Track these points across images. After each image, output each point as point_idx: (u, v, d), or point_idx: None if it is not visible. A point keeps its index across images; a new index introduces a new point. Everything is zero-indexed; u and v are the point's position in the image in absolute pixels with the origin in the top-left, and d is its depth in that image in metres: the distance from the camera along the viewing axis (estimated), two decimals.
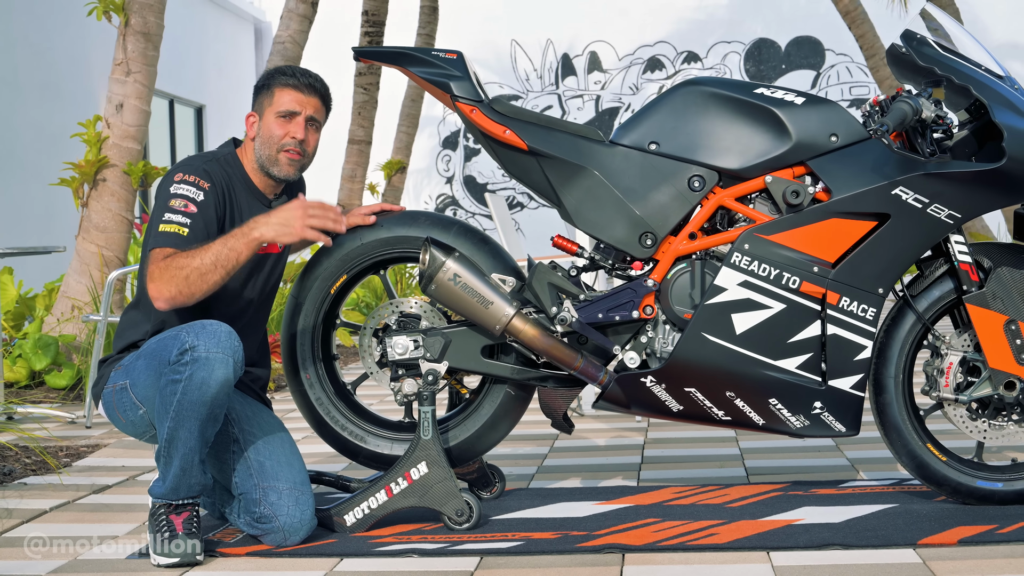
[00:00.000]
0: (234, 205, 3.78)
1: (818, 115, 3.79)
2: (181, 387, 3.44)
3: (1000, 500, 3.84)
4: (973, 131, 3.83)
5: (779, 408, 3.77)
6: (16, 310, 8.46)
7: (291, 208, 3.66)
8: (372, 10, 13.18)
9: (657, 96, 3.93)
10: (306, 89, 3.83)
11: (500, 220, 7.31)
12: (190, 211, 3.64)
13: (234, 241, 3.60)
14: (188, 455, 3.50)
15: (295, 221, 3.64)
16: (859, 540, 3.50)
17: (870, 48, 13.92)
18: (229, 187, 3.78)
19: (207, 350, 3.43)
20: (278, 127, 3.81)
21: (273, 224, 3.64)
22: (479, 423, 3.96)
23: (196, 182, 3.68)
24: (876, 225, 3.73)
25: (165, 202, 3.66)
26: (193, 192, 3.66)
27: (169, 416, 3.47)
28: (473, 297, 3.74)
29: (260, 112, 3.84)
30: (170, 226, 3.62)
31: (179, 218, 3.62)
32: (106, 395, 3.72)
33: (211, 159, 3.80)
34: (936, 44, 3.85)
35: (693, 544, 3.53)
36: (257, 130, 3.84)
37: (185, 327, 3.50)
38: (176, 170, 3.73)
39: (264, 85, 3.86)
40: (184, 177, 3.69)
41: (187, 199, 3.65)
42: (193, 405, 3.44)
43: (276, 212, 3.66)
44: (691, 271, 3.80)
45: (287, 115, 3.81)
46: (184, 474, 3.52)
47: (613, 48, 19.80)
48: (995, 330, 3.77)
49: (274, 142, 3.80)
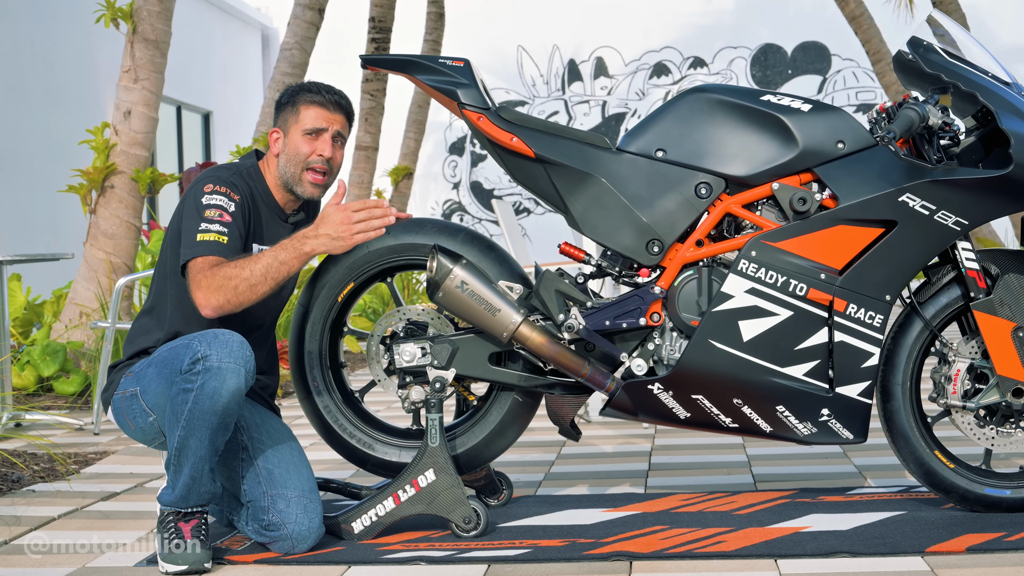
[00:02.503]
0: (259, 218, 3.79)
1: (825, 122, 3.79)
2: (192, 396, 3.44)
3: (1008, 507, 3.83)
4: (980, 138, 3.83)
5: (786, 415, 3.76)
6: (24, 317, 8.46)
7: (336, 220, 3.65)
8: (379, 16, 13.20)
9: (664, 103, 3.93)
10: (332, 106, 3.83)
11: (507, 226, 7.31)
12: (226, 220, 3.65)
13: (285, 254, 3.62)
14: (198, 464, 3.50)
15: (344, 232, 3.65)
16: (867, 548, 3.49)
17: (876, 53, 13.91)
18: (253, 200, 3.79)
19: (219, 359, 3.43)
20: (305, 145, 3.80)
21: (323, 238, 3.65)
22: (487, 430, 3.96)
23: (227, 193, 3.69)
24: (883, 232, 3.73)
25: (199, 212, 3.65)
26: (225, 202, 3.67)
27: (180, 425, 3.47)
28: (480, 304, 3.74)
29: (285, 129, 3.83)
30: (209, 235, 3.62)
31: (216, 227, 3.63)
32: (116, 401, 3.73)
33: (235, 172, 3.80)
34: (942, 51, 3.85)
35: (700, 552, 3.52)
36: (282, 147, 3.83)
37: (197, 336, 3.50)
38: (205, 180, 3.72)
39: (289, 102, 3.85)
40: (215, 188, 3.69)
41: (221, 208, 3.66)
42: (204, 414, 3.45)
43: (322, 224, 3.65)
44: (698, 278, 3.80)
45: (313, 132, 3.81)
46: (194, 482, 3.52)
47: (619, 53, 19.80)
48: (1003, 337, 3.76)
49: (300, 160, 3.80)
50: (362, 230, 3.68)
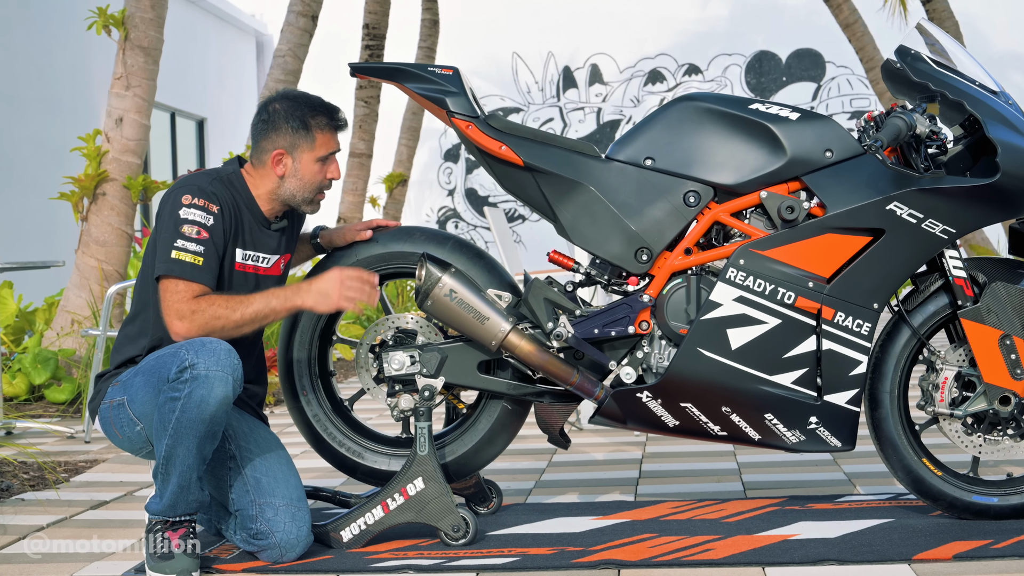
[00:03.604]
0: (239, 225, 3.76)
1: (813, 130, 3.80)
2: (180, 404, 3.44)
3: (996, 515, 3.84)
4: (967, 146, 3.84)
5: (775, 423, 3.78)
6: (16, 324, 8.47)
7: (331, 279, 3.65)
8: (372, 23, 13.21)
9: (652, 112, 3.94)
10: (340, 129, 3.84)
11: (499, 233, 7.32)
12: (203, 238, 3.62)
13: (277, 303, 3.62)
14: (186, 472, 3.51)
15: (333, 292, 3.65)
16: (855, 555, 3.51)
17: (870, 61, 13.94)
18: (234, 207, 3.76)
19: (207, 368, 3.43)
20: (320, 172, 3.80)
21: (313, 293, 3.65)
22: (476, 438, 3.97)
23: (206, 206, 3.65)
24: (871, 240, 3.74)
25: (176, 226, 3.62)
26: (203, 217, 3.64)
27: (167, 433, 3.47)
28: (469, 313, 3.75)
29: (293, 152, 3.77)
30: (185, 255, 3.60)
31: (193, 246, 3.60)
32: (103, 411, 3.73)
33: (216, 178, 3.77)
34: (930, 59, 3.87)
35: (688, 560, 3.53)
36: (291, 171, 3.78)
37: (184, 344, 3.50)
38: (184, 190, 3.68)
39: (301, 126, 3.77)
40: (193, 200, 3.65)
41: (198, 224, 3.62)
42: (192, 423, 3.45)
43: (317, 281, 3.66)
44: (687, 286, 3.81)
45: (327, 158, 3.81)
46: (182, 491, 3.53)
47: (614, 60, 19.82)
48: (990, 345, 3.78)
49: (315, 185, 3.81)
50: (350, 297, 3.67)
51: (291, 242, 3.95)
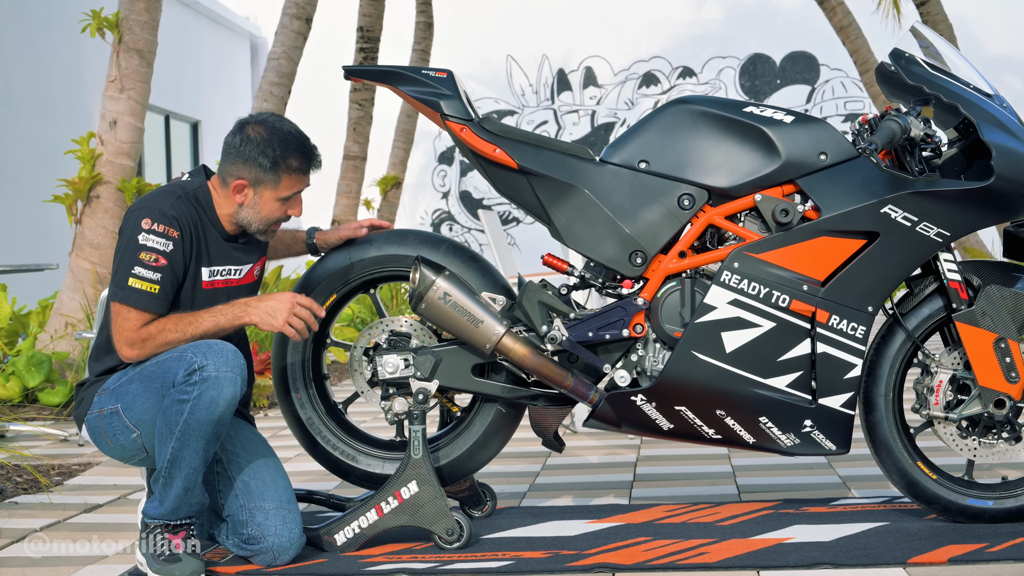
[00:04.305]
0: (201, 245, 3.70)
1: (807, 133, 3.79)
2: (189, 407, 3.43)
3: (991, 518, 3.84)
4: (962, 149, 3.84)
5: (769, 426, 3.77)
6: (9, 327, 8.45)
7: (281, 300, 3.60)
8: (367, 26, 13.20)
9: (647, 115, 3.93)
10: (311, 171, 3.76)
11: (493, 236, 7.31)
12: (160, 265, 3.57)
13: (225, 320, 3.58)
14: (192, 475, 3.50)
15: (280, 315, 3.58)
16: (849, 559, 3.50)
17: (864, 63, 13.95)
18: (198, 227, 3.68)
19: (216, 369, 3.43)
20: (279, 210, 3.73)
21: (261, 311, 3.59)
22: (470, 441, 3.96)
23: (166, 232, 3.58)
24: (865, 243, 3.74)
25: (134, 251, 3.57)
26: (162, 244, 3.58)
27: (174, 436, 3.46)
28: (463, 316, 3.74)
29: (256, 187, 3.68)
30: (141, 283, 3.55)
31: (149, 274, 3.55)
32: (91, 420, 3.70)
33: (180, 196, 3.68)
34: (924, 63, 3.87)
35: (683, 563, 3.52)
36: (250, 202, 3.70)
37: (189, 348, 3.49)
38: (144, 213, 3.61)
39: (270, 165, 3.66)
40: (153, 226, 3.58)
41: (157, 252, 3.57)
42: (201, 424, 3.45)
43: (267, 299, 3.61)
44: (681, 290, 3.81)
45: (290, 198, 3.74)
46: (187, 494, 3.52)
47: (608, 63, 19.83)
48: (984, 348, 3.77)
49: (271, 220, 3.74)
50: (294, 324, 3.60)
51: (263, 246, 3.91)
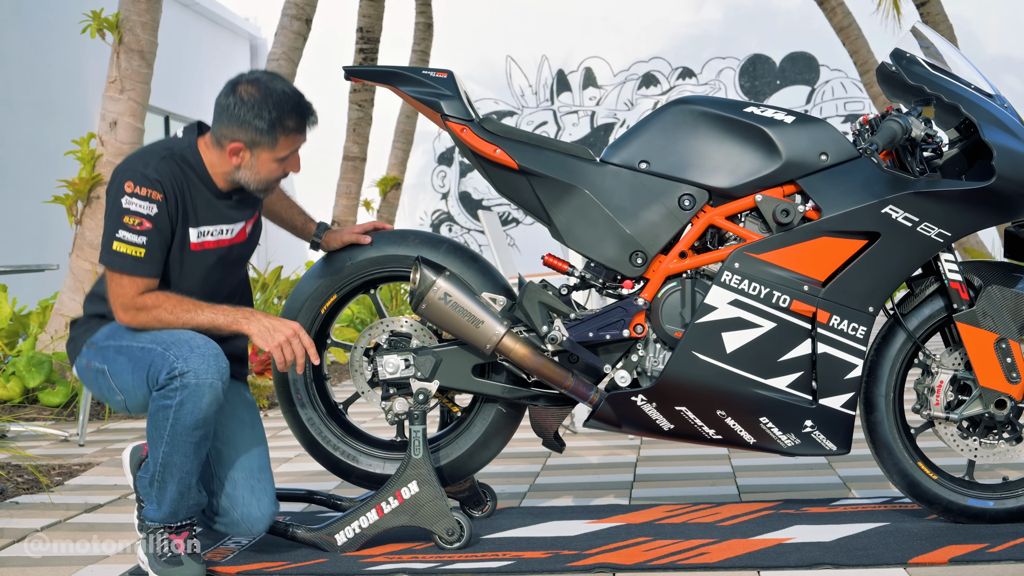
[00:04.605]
0: (188, 206, 3.62)
1: (808, 134, 3.79)
2: (172, 413, 3.43)
3: (991, 519, 3.84)
4: (963, 149, 3.84)
5: (770, 427, 3.77)
6: (10, 327, 8.44)
7: (285, 326, 3.54)
8: (366, 27, 13.20)
9: (647, 115, 3.93)
10: (308, 129, 3.69)
11: (493, 236, 7.30)
12: (145, 228, 3.51)
13: (223, 321, 3.54)
14: (185, 478, 3.50)
15: (277, 337, 3.52)
16: (850, 559, 3.50)
17: (864, 64, 13.95)
18: (183, 188, 3.61)
19: (196, 376, 3.41)
20: (278, 169, 3.66)
21: (261, 326, 3.53)
22: (470, 441, 3.96)
23: (148, 195, 3.52)
24: (866, 244, 3.74)
25: (117, 215, 3.52)
26: (146, 207, 3.51)
27: (164, 441, 3.46)
28: (464, 316, 3.74)
29: (252, 149, 3.61)
30: (125, 247, 3.50)
31: (133, 237, 3.51)
32: (79, 366, 3.70)
33: (165, 157, 3.60)
34: (926, 63, 3.86)
35: (683, 563, 3.52)
36: (247, 163, 3.63)
37: (173, 347, 3.46)
38: (126, 176, 3.54)
39: (266, 127, 3.58)
40: (135, 189, 3.51)
41: (140, 216, 3.51)
42: (186, 429, 3.44)
43: (273, 318, 3.55)
44: (681, 290, 3.81)
45: (287, 157, 3.67)
46: (182, 497, 3.52)
47: (608, 64, 19.83)
48: (985, 348, 3.77)
49: (271, 180, 3.68)
50: (286, 356, 3.54)
51: (257, 202, 3.83)
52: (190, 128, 3.74)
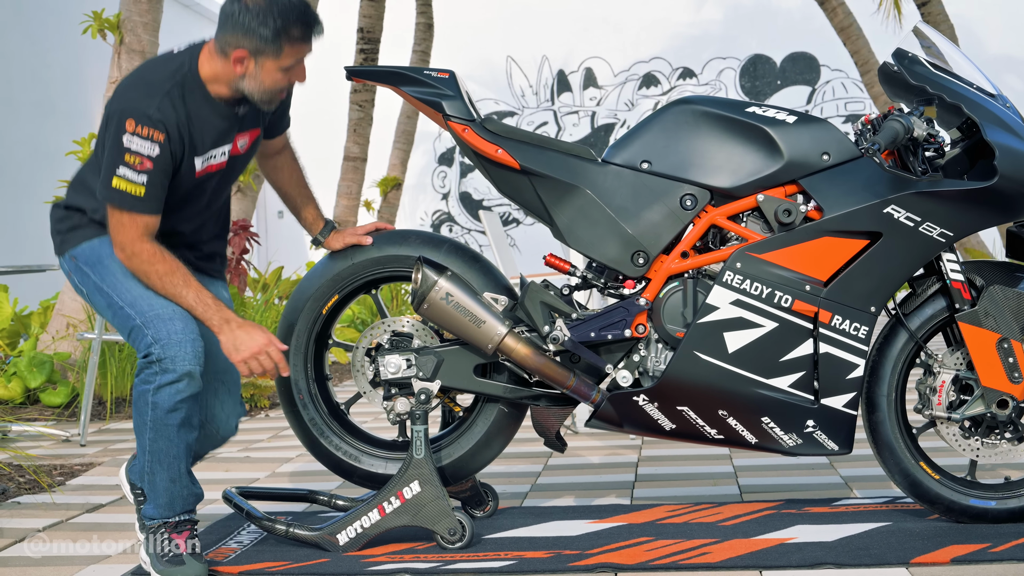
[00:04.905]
0: (193, 137, 3.57)
1: (810, 133, 3.79)
2: (151, 398, 3.48)
3: (993, 518, 3.84)
4: (965, 149, 3.83)
5: (772, 426, 3.77)
6: (11, 328, 8.45)
7: (255, 340, 3.53)
8: (367, 27, 13.20)
9: (649, 115, 3.93)
10: (314, 39, 3.61)
11: (494, 236, 7.31)
12: (145, 168, 3.46)
13: (201, 312, 3.52)
14: (173, 464, 3.52)
15: (243, 352, 3.52)
16: (852, 559, 3.50)
17: (865, 64, 13.94)
18: (187, 119, 3.55)
19: (173, 363, 3.45)
20: (283, 79, 3.59)
21: (231, 337, 3.52)
22: (472, 441, 3.96)
23: (151, 136, 3.45)
24: (868, 243, 3.73)
25: (119, 151, 3.46)
26: (148, 148, 3.45)
27: (148, 427, 3.51)
28: (465, 316, 3.74)
29: (257, 58, 3.54)
30: (125, 184, 3.45)
31: (134, 175, 3.45)
32: (63, 266, 3.74)
33: (167, 92, 3.52)
34: (928, 63, 3.86)
35: (685, 563, 3.52)
36: (251, 72, 3.56)
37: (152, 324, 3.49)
38: (128, 113, 3.46)
39: (271, 36, 3.51)
40: (137, 130, 3.44)
41: (142, 156, 3.45)
42: (166, 413, 3.49)
43: (246, 329, 3.53)
44: (683, 290, 3.80)
45: (292, 66, 3.60)
46: (173, 483, 3.53)
47: (608, 64, 19.82)
48: (987, 348, 3.77)
49: (275, 90, 3.60)
50: (253, 369, 3.55)
51: (260, 117, 3.78)
52: (193, 47, 3.69)
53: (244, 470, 5.33)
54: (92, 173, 3.66)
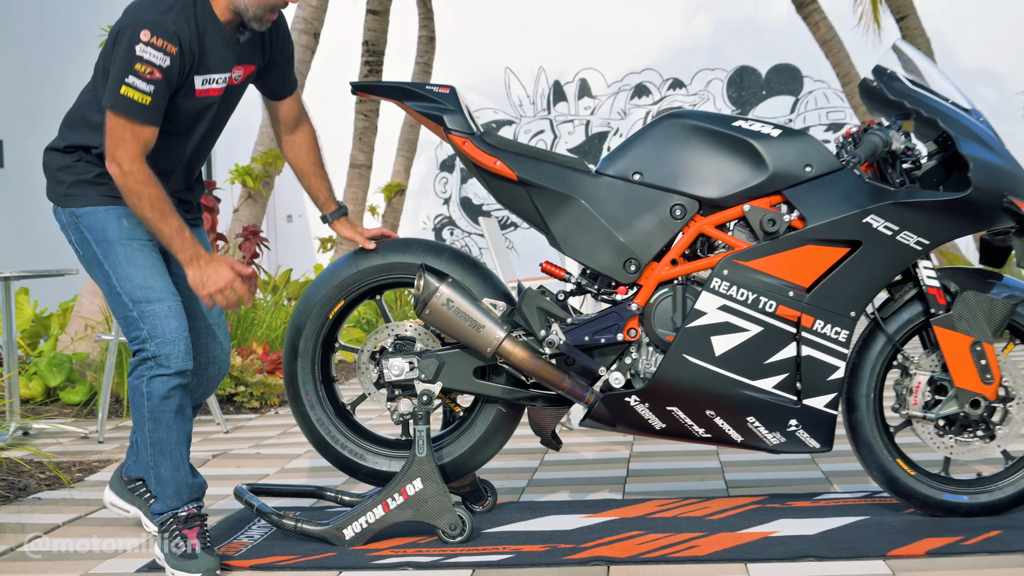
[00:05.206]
0: (203, 53, 3.54)
1: (793, 146, 3.80)
2: (145, 390, 3.54)
3: (966, 512, 3.85)
4: (941, 162, 3.85)
5: (756, 426, 3.78)
6: (32, 329, 8.45)
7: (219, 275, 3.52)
8: (372, 40, 13.19)
9: (640, 128, 3.94)
10: None
11: (493, 243, 7.30)
12: (155, 78, 3.43)
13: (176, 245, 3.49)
14: (175, 451, 3.56)
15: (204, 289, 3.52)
16: (832, 552, 3.51)
17: (846, 75, 13.96)
18: (199, 37, 3.52)
19: (168, 360, 3.52)
20: None
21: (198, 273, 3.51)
22: (472, 440, 3.97)
23: (164, 47, 3.41)
24: (848, 251, 3.74)
25: (130, 60, 3.41)
26: (160, 58, 3.41)
27: (146, 419, 3.55)
28: (465, 321, 3.75)
29: None
30: (133, 92, 3.42)
31: (143, 85, 3.42)
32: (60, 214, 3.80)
33: (182, 7, 3.50)
34: (905, 79, 3.87)
35: (675, 556, 3.53)
36: None
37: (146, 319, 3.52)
38: (144, 24, 3.43)
39: None
40: (152, 39, 3.40)
41: (153, 66, 3.42)
42: (160, 399, 3.54)
43: (213, 265, 3.52)
44: (673, 296, 3.81)
45: None
46: (177, 471, 3.57)
47: (602, 75, 19.81)
48: (961, 351, 3.78)
49: (266, 6, 3.56)
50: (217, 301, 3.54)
51: (254, 51, 3.75)
52: None
53: (255, 466, 5.33)
54: (90, 108, 3.66)
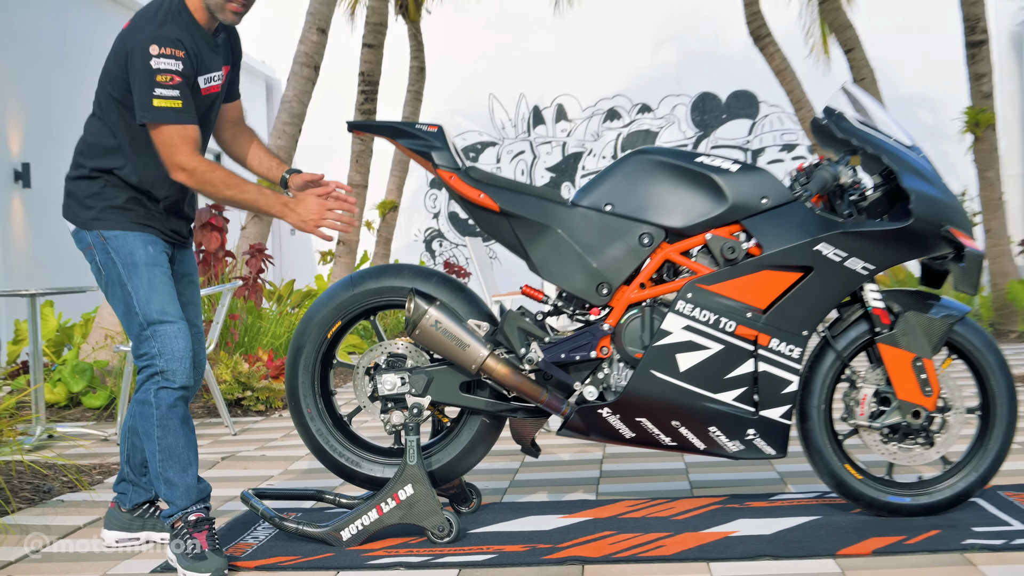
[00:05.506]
0: (199, 54, 3.56)
1: (751, 180, 3.80)
2: (153, 400, 3.54)
3: (908, 512, 3.85)
4: (885, 194, 3.85)
5: (718, 435, 3.77)
6: (56, 338, 8.41)
7: (312, 208, 3.55)
8: (367, 71, 13.17)
9: (611, 164, 3.94)
10: None
11: (478, 260, 7.30)
12: (176, 82, 3.44)
13: (264, 203, 3.53)
14: (182, 454, 3.56)
15: (312, 219, 3.54)
16: (786, 551, 3.50)
17: (798, 101, 13.96)
18: (193, 40, 3.53)
19: (174, 376, 3.53)
20: None
21: (294, 216, 3.55)
22: (458, 448, 3.96)
23: (173, 54, 3.44)
24: (801, 276, 3.75)
25: (150, 76, 3.43)
26: (174, 64, 3.43)
27: (155, 427, 3.53)
28: (452, 340, 3.74)
29: None
30: (164, 101, 3.43)
31: (169, 92, 3.43)
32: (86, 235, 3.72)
33: (173, 21, 3.50)
34: (853, 118, 3.88)
35: (644, 556, 3.52)
36: None
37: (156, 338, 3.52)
38: (151, 40, 3.44)
39: None
40: (162, 51, 3.42)
41: (171, 72, 3.43)
42: (168, 407, 3.54)
43: (300, 205, 3.55)
44: (641, 317, 3.81)
45: None
46: (185, 472, 3.56)
47: (577, 100, 19.83)
48: (903, 366, 3.79)
49: None
50: (328, 227, 3.57)
51: (228, 53, 3.75)
52: None
53: (260, 468, 5.31)
54: (103, 135, 3.62)
